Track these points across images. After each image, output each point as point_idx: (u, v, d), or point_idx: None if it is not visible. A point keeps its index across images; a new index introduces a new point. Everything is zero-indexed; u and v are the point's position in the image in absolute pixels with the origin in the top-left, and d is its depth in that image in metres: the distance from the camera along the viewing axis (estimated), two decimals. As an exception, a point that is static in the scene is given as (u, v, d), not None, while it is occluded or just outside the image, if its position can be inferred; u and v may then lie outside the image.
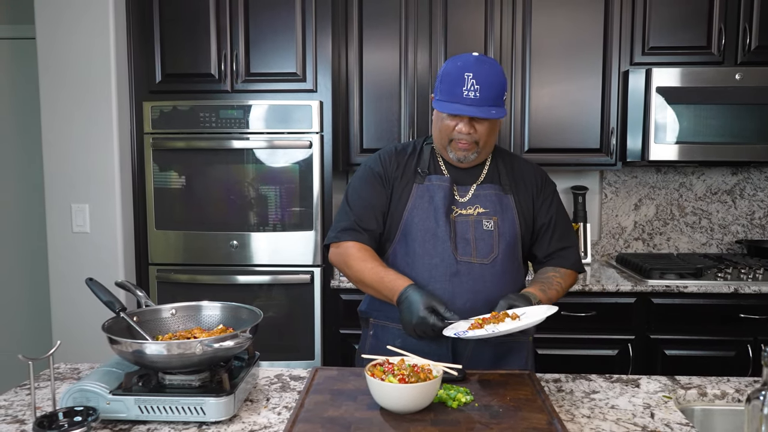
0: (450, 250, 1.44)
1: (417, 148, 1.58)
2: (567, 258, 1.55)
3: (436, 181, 1.50)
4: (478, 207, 1.49)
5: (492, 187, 1.52)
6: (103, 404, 1.13)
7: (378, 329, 1.55)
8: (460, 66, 1.39)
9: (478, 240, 1.47)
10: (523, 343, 1.54)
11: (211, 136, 2.52)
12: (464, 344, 1.45)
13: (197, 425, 1.14)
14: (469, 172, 1.54)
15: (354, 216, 1.50)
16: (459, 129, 1.43)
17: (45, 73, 2.46)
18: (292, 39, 2.51)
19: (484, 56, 1.44)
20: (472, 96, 1.37)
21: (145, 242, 2.59)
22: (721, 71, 2.54)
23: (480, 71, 1.38)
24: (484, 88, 1.38)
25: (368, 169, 1.55)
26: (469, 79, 1.37)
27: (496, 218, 1.49)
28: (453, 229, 1.46)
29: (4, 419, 1.18)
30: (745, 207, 2.99)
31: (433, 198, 1.48)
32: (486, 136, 1.45)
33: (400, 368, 1.14)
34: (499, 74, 1.41)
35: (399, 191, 1.51)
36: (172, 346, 1.12)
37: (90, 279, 1.31)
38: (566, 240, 1.57)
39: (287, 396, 1.30)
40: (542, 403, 1.16)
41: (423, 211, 1.48)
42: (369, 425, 1.06)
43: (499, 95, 1.41)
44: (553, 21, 2.66)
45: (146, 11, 2.54)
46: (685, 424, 1.16)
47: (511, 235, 1.49)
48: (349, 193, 1.55)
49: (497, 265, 1.46)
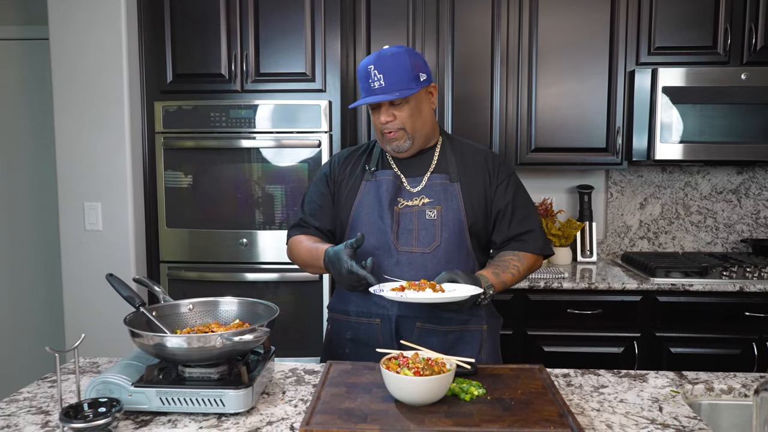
0: (391, 241, 1.51)
1: (368, 148, 1.66)
2: (528, 242, 1.56)
3: (381, 176, 1.57)
4: (424, 197, 1.55)
5: (440, 176, 1.57)
6: (125, 396, 1.16)
7: (334, 322, 1.64)
8: (365, 63, 1.50)
9: (420, 230, 1.52)
10: (474, 333, 1.55)
11: (221, 135, 2.56)
12: (409, 331, 1.51)
13: (217, 417, 1.17)
14: (417, 164, 1.58)
15: (302, 214, 1.67)
16: (380, 120, 1.50)
17: (58, 73, 2.50)
18: (301, 39, 2.54)
19: (390, 47, 1.51)
20: (377, 85, 1.46)
21: (156, 240, 2.62)
22: (727, 71, 2.56)
23: (380, 62, 1.47)
24: (387, 75, 1.45)
25: (321, 171, 1.69)
26: (372, 71, 1.47)
27: (440, 207, 1.53)
28: (396, 221, 1.53)
29: (29, 410, 1.21)
30: (751, 206, 3.01)
31: (378, 192, 1.55)
32: (410, 119, 1.50)
33: (414, 362, 1.16)
34: (400, 59, 1.47)
35: (346, 190, 1.61)
36: (193, 339, 1.15)
37: (110, 275, 1.34)
38: (527, 224, 1.57)
39: (302, 389, 1.33)
40: (553, 396, 1.18)
41: (368, 206, 1.56)
42: (385, 416, 1.09)
43: (405, 78, 1.46)
44: (559, 21, 2.68)
45: (157, 13, 2.57)
46: (693, 417, 1.18)
47: (454, 223, 1.52)
48: (305, 194, 1.69)
49: (439, 254, 1.51)
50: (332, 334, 1.64)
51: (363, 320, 1.56)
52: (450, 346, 1.52)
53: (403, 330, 1.52)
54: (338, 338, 1.61)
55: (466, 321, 1.55)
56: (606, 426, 1.14)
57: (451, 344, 1.53)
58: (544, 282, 2.47)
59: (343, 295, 1.61)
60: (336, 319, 1.63)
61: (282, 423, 1.16)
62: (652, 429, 1.13)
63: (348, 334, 1.58)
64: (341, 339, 1.60)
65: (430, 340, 1.50)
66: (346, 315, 1.59)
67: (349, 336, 1.58)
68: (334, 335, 1.63)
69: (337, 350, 1.60)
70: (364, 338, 1.56)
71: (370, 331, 1.55)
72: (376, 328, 1.54)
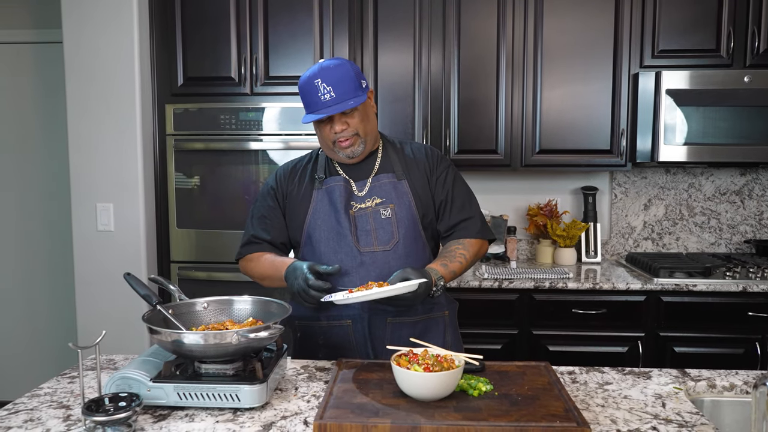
0: (352, 244, 1.55)
1: (312, 157, 1.70)
2: (469, 228, 1.63)
3: (332, 183, 1.61)
4: (375, 198, 1.59)
5: (386, 176, 1.62)
6: (144, 391, 1.20)
7: (304, 330, 1.65)
8: (309, 77, 1.51)
9: (378, 229, 1.57)
10: (438, 319, 1.64)
11: (231, 137, 2.60)
12: (382, 328, 1.56)
13: (232, 411, 1.21)
14: (363, 167, 1.63)
15: (252, 230, 1.67)
16: (334, 130, 1.53)
17: (71, 77, 2.55)
18: (309, 43, 2.58)
19: (327, 60, 1.54)
20: (328, 98, 1.49)
21: (167, 240, 2.67)
22: (730, 74, 2.59)
23: (326, 74, 1.49)
24: (336, 86, 1.48)
25: (266, 185, 1.71)
26: (319, 84, 1.49)
27: (392, 205, 1.58)
28: (353, 224, 1.57)
29: (50, 405, 1.26)
30: (754, 207, 3.04)
31: (331, 198, 1.59)
32: (361, 124, 1.55)
33: (424, 358, 1.20)
34: (345, 69, 1.51)
35: (297, 201, 1.63)
36: (209, 336, 1.19)
37: (128, 274, 1.38)
38: (466, 211, 1.65)
39: (314, 385, 1.36)
40: (558, 392, 1.22)
41: (324, 213, 1.59)
42: (396, 411, 1.13)
43: (352, 87, 1.50)
44: (564, 24, 2.72)
45: (169, 17, 2.62)
46: (695, 413, 1.22)
47: (409, 218, 1.58)
48: (253, 209, 1.70)
49: (399, 249, 1.56)
50: (302, 341, 1.66)
51: (334, 323, 1.59)
52: (419, 334, 1.57)
53: (375, 327, 1.57)
54: (310, 344, 1.63)
55: (430, 309, 1.62)
56: (611, 421, 1.18)
57: (420, 333, 1.58)
58: (549, 282, 2.51)
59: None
60: (306, 326, 1.64)
61: (296, 417, 1.19)
62: (655, 424, 1.16)
63: (320, 340, 1.61)
64: (314, 344, 1.63)
65: (402, 332, 1.56)
66: (317, 320, 1.61)
67: (322, 341, 1.61)
68: (305, 342, 1.65)
69: (310, 357, 1.62)
70: (337, 341, 1.59)
71: (342, 333, 1.58)
72: (347, 329, 1.58)
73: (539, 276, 2.55)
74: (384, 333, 1.57)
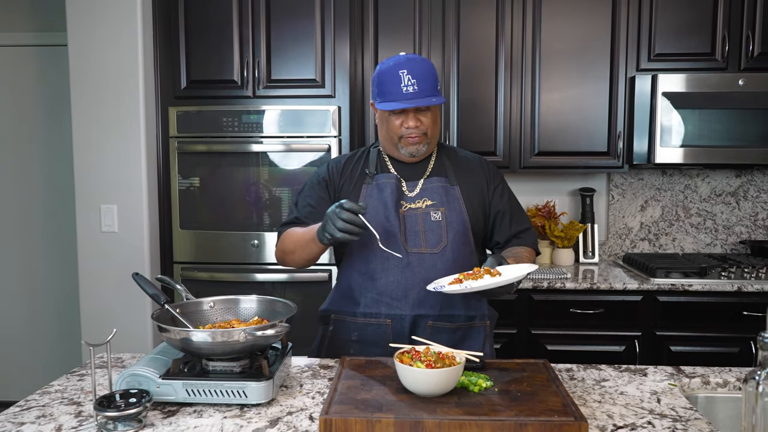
0: (401, 243, 1.55)
1: (364, 153, 1.70)
2: (526, 239, 1.67)
3: (383, 179, 1.61)
4: (426, 200, 1.60)
5: (438, 180, 1.62)
6: (153, 387, 1.23)
7: (338, 324, 1.65)
8: (393, 66, 1.50)
9: (427, 231, 1.57)
10: (479, 328, 1.63)
11: (234, 139, 2.63)
12: (422, 330, 1.56)
13: (239, 407, 1.24)
14: (416, 168, 1.64)
15: (296, 213, 1.66)
16: (407, 125, 1.54)
17: (76, 79, 2.58)
18: (311, 47, 2.61)
19: (412, 54, 1.56)
20: (411, 90, 1.48)
21: (170, 241, 2.70)
22: (725, 77, 2.63)
23: (413, 66, 1.49)
24: (420, 81, 1.48)
25: (316, 175, 1.70)
26: (404, 75, 1.48)
27: (443, 209, 1.59)
28: (403, 223, 1.57)
29: (61, 401, 1.29)
30: (749, 208, 3.08)
31: (382, 195, 1.59)
32: (432, 125, 1.57)
33: (426, 355, 1.23)
34: (430, 66, 1.53)
35: (347, 194, 1.63)
36: (217, 333, 1.23)
37: (136, 273, 1.42)
38: (524, 222, 1.69)
39: (318, 382, 1.40)
40: (557, 389, 1.25)
41: (373, 208, 1.58)
42: (399, 406, 1.16)
43: (434, 85, 1.52)
44: (562, 28, 2.76)
45: (172, 20, 2.65)
46: (689, 408, 1.25)
47: (459, 223, 1.59)
48: (298, 197, 1.70)
49: (447, 253, 1.56)
50: (334, 335, 1.65)
51: (372, 321, 1.59)
52: (457, 341, 1.59)
53: (416, 329, 1.57)
54: (341, 339, 1.63)
55: (472, 317, 1.62)
56: (607, 416, 1.21)
57: (458, 340, 1.59)
58: (548, 282, 2.54)
59: (349, 296, 1.62)
60: (340, 320, 1.64)
61: (301, 413, 1.23)
62: (650, 419, 1.20)
63: (353, 335, 1.60)
64: (345, 340, 1.62)
65: (441, 337, 1.56)
66: (353, 316, 1.61)
67: (355, 337, 1.61)
68: (336, 336, 1.65)
69: (339, 352, 1.61)
70: (371, 339, 1.58)
71: (379, 331, 1.58)
72: (386, 328, 1.58)
73: (538, 276, 2.59)
74: (423, 336, 1.54)
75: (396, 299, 1.56)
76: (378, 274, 1.56)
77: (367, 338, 1.59)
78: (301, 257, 1.59)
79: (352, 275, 1.62)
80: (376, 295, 1.57)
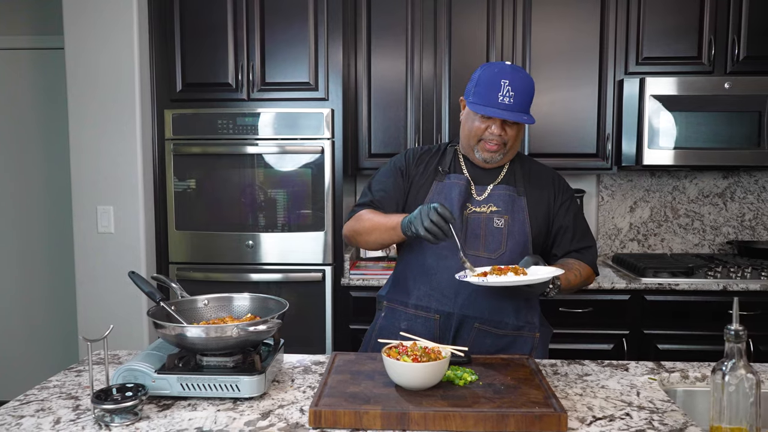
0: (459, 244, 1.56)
1: (441, 149, 1.71)
2: (586, 255, 1.65)
3: (454, 179, 1.63)
4: (492, 206, 1.61)
5: (507, 188, 1.63)
6: (149, 382, 1.27)
7: (389, 311, 1.69)
8: (497, 72, 1.51)
9: (488, 236, 1.59)
10: (527, 338, 1.63)
11: (228, 142, 2.67)
12: (468, 331, 1.59)
13: (232, 401, 1.28)
14: (488, 173, 1.65)
15: (371, 196, 1.67)
16: (492, 131, 1.55)
17: (72, 82, 2.62)
18: (305, 50, 2.66)
19: (518, 66, 1.56)
20: (507, 101, 1.49)
21: (166, 242, 2.74)
22: (712, 80, 2.69)
23: (515, 79, 1.50)
24: (518, 95, 1.49)
25: (393, 162, 1.71)
26: (505, 85, 1.49)
27: (507, 217, 1.60)
28: (465, 224, 1.59)
29: (60, 396, 1.32)
30: (736, 209, 3.13)
31: (449, 194, 1.61)
32: (513, 139, 1.58)
33: (413, 350, 1.28)
34: (531, 83, 1.54)
35: (418, 186, 1.65)
36: (211, 329, 1.27)
37: (132, 272, 1.45)
38: (587, 240, 1.67)
39: (310, 377, 1.44)
40: (539, 382, 1.30)
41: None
42: (386, 399, 1.20)
43: (529, 103, 1.54)
44: (551, 33, 2.81)
45: (168, 24, 2.69)
46: (666, 400, 1.30)
47: (520, 233, 1.60)
48: (372, 181, 1.70)
49: (504, 261, 1.55)
50: (385, 322, 1.68)
51: (421, 314, 1.61)
52: (502, 348, 1.60)
53: (462, 328, 1.59)
54: (390, 326, 1.65)
55: (521, 327, 1.62)
56: (587, 408, 1.26)
57: (503, 347, 1.60)
58: (537, 282, 2.58)
59: (404, 286, 1.66)
60: (393, 309, 1.67)
61: (292, 406, 1.27)
62: (628, 411, 1.24)
63: (402, 324, 1.62)
64: (395, 328, 1.63)
65: (486, 340, 1.58)
66: (405, 306, 1.64)
67: (404, 327, 1.61)
68: (386, 322, 1.67)
69: (390, 338, 1.60)
70: (419, 331, 1.58)
71: (427, 325, 1.60)
72: (433, 323, 1.60)
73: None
74: (468, 336, 1.58)
75: (447, 297, 1.59)
76: (433, 269, 1.58)
77: (416, 330, 1.59)
78: (376, 240, 1.59)
79: (409, 266, 1.65)
80: (428, 290, 1.60)
